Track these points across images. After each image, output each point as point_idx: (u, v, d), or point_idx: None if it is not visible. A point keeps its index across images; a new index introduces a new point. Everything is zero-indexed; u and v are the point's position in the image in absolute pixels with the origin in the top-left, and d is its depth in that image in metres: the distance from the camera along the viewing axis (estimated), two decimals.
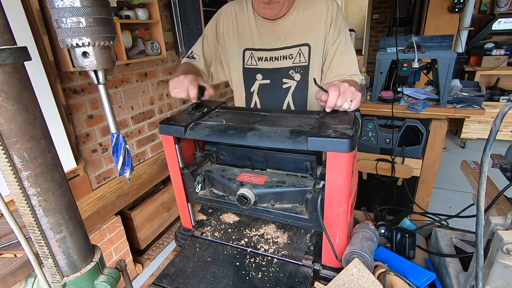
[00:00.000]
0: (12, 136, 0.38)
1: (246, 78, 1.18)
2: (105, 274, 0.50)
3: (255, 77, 1.16)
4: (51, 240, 0.44)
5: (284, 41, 1.10)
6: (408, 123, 2.01)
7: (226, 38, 1.17)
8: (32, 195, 0.41)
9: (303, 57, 1.09)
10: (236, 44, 1.15)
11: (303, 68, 1.10)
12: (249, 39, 1.13)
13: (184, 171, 0.87)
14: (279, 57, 1.11)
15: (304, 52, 1.09)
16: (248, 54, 1.15)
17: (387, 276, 0.66)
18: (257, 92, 1.18)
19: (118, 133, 0.52)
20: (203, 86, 0.93)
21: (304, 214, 0.76)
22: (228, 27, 1.15)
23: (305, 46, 1.08)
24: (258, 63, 1.14)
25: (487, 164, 0.43)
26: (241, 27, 1.14)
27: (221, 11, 1.17)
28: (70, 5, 0.40)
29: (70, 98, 1.79)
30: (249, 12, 1.12)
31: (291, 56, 1.10)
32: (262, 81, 1.16)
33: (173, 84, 0.91)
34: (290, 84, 1.13)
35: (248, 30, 1.13)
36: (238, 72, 1.18)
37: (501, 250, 0.48)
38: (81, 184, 1.87)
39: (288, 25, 1.09)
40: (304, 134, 0.67)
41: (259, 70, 1.15)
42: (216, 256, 0.84)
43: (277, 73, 1.13)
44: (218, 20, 1.16)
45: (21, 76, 0.38)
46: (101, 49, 0.44)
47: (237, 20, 1.14)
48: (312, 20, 1.07)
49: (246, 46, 1.14)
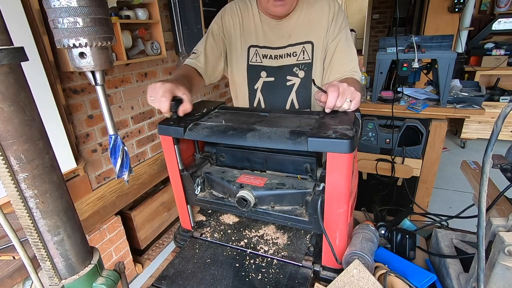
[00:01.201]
0: (8, 137, 0.38)
1: (250, 75, 1.18)
2: (104, 277, 0.50)
3: (260, 75, 1.17)
4: (48, 242, 0.44)
5: (288, 39, 1.11)
6: (408, 123, 2.01)
7: (232, 34, 1.17)
8: (29, 197, 0.41)
9: (307, 54, 1.11)
10: (242, 40, 1.16)
11: (307, 65, 1.12)
12: (254, 36, 1.14)
13: (184, 173, 0.86)
14: (283, 55, 1.13)
15: (308, 50, 1.10)
16: (253, 51, 1.15)
17: (387, 277, 0.66)
18: (261, 89, 1.18)
19: (116, 135, 0.52)
20: (180, 99, 0.81)
21: (304, 216, 0.76)
22: (235, 23, 1.15)
23: (308, 44, 1.10)
24: (263, 60, 1.15)
25: (488, 165, 0.43)
26: (246, 24, 1.15)
27: (226, 8, 1.18)
28: (66, 5, 0.39)
29: (70, 98, 1.78)
30: (253, 11, 1.14)
31: (295, 53, 1.12)
32: (267, 78, 1.17)
33: (149, 91, 0.80)
34: (294, 81, 1.14)
35: (253, 28, 1.14)
36: (242, 68, 1.18)
37: (502, 252, 0.48)
38: (81, 184, 1.86)
39: (291, 24, 1.10)
40: (304, 135, 0.67)
41: (264, 67, 1.16)
42: (215, 257, 0.83)
43: (281, 70, 1.14)
44: (224, 15, 1.17)
45: (18, 76, 0.38)
46: (98, 50, 0.44)
47: (243, 17, 1.15)
48: (315, 19, 1.09)
49: (251, 43, 1.15)
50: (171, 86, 0.79)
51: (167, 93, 0.77)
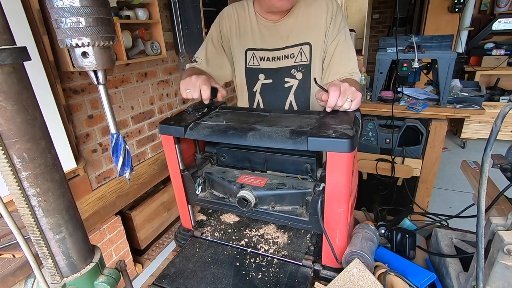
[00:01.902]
0: (11, 136, 0.38)
1: (249, 78, 1.19)
2: (105, 275, 0.50)
3: (258, 77, 1.17)
4: (50, 240, 0.44)
5: (285, 40, 1.10)
6: (408, 123, 2.01)
7: (229, 38, 1.17)
8: (32, 196, 0.41)
9: (305, 56, 1.10)
10: (239, 44, 1.16)
11: (305, 66, 1.11)
12: (250, 39, 1.14)
13: (185, 173, 0.87)
14: (281, 57, 1.12)
15: (306, 51, 1.10)
16: (250, 54, 1.15)
17: (387, 276, 0.66)
18: (260, 91, 1.19)
19: (118, 134, 0.52)
20: (215, 87, 0.91)
21: (304, 216, 0.76)
22: (231, 27, 1.15)
23: (306, 45, 1.09)
24: (260, 63, 1.14)
25: (488, 165, 0.43)
26: (242, 27, 1.14)
27: (223, 12, 1.17)
28: (69, 5, 0.39)
29: (70, 98, 1.79)
30: (250, 13, 1.13)
31: (293, 55, 1.11)
32: (265, 80, 1.16)
33: (184, 85, 0.88)
34: (292, 83, 1.14)
35: (249, 31, 1.13)
36: (240, 72, 1.19)
37: (501, 251, 0.48)
38: (81, 184, 1.87)
39: (289, 25, 1.09)
40: (304, 134, 0.67)
41: (262, 70, 1.15)
42: (216, 256, 0.84)
43: (279, 72, 1.14)
44: (221, 20, 1.16)
45: (20, 76, 0.38)
46: (100, 49, 0.44)
47: (239, 21, 1.14)
48: (313, 19, 1.07)
49: (248, 46, 1.15)
50: (206, 78, 0.88)
51: (206, 82, 0.86)
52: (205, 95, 0.86)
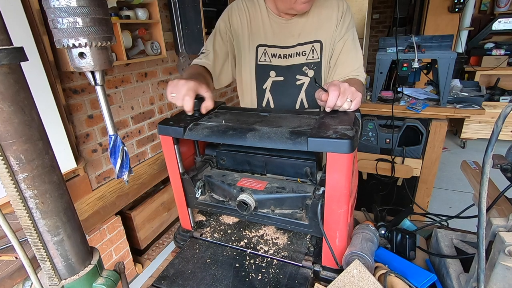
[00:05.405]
0: (8, 137, 0.38)
1: (259, 75, 1.17)
2: (104, 277, 0.50)
3: (269, 74, 1.15)
4: (48, 242, 0.44)
5: (297, 38, 1.10)
6: (408, 123, 2.01)
7: (240, 32, 1.14)
8: (29, 198, 0.41)
9: (316, 53, 1.10)
10: (250, 39, 1.14)
11: (316, 64, 1.11)
12: (262, 35, 1.13)
13: (184, 176, 0.86)
14: (292, 54, 1.12)
15: (317, 49, 1.10)
16: (262, 51, 1.14)
17: (387, 277, 0.65)
18: (270, 89, 1.17)
19: (116, 135, 0.52)
20: (202, 98, 0.83)
21: (304, 220, 0.76)
22: (243, 21, 1.13)
23: (317, 43, 1.10)
24: (271, 59, 1.13)
25: (489, 165, 0.43)
26: (254, 23, 1.13)
27: (232, 5, 1.15)
28: (66, 5, 0.39)
29: (70, 98, 1.78)
30: (262, 9, 1.12)
31: (304, 52, 1.11)
32: (276, 78, 1.15)
33: (170, 87, 0.80)
34: (303, 80, 1.14)
35: (261, 27, 1.12)
36: (249, 68, 1.16)
37: (503, 252, 0.48)
38: (81, 184, 1.86)
39: (301, 23, 1.09)
40: (304, 135, 0.67)
41: (273, 67, 1.14)
42: (215, 257, 0.83)
43: (290, 69, 1.13)
44: (231, 13, 1.14)
45: (17, 77, 0.38)
46: (98, 50, 0.44)
47: (250, 16, 1.13)
48: (324, 17, 1.08)
49: (259, 42, 1.13)
50: (194, 85, 0.79)
51: (190, 92, 0.78)
52: (187, 107, 0.79)
